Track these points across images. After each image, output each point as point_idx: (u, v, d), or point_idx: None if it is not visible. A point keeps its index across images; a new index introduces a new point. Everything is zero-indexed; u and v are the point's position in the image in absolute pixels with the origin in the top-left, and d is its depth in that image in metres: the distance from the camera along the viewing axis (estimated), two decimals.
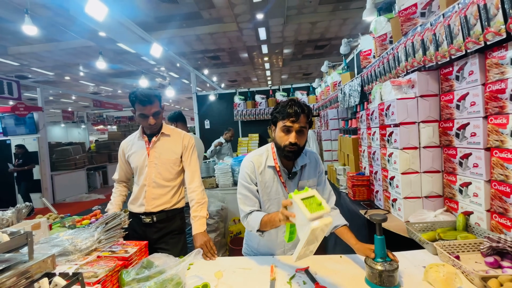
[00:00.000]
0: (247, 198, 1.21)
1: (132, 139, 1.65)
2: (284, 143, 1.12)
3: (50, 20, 6.11)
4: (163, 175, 1.56)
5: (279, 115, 1.13)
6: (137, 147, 1.60)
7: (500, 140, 1.12)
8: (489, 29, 1.02)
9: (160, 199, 1.55)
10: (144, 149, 1.57)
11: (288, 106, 1.11)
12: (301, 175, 1.24)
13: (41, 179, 6.71)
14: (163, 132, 1.60)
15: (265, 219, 1.09)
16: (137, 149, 1.59)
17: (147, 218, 1.54)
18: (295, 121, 1.10)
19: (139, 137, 1.61)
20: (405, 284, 0.95)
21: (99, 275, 0.89)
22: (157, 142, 1.58)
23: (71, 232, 1.15)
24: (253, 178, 1.22)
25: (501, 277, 0.84)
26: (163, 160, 1.56)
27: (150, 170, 1.54)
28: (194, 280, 1.05)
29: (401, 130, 1.54)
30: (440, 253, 1.08)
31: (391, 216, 1.69)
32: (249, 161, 1.23)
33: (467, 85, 1.27)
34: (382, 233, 0.98)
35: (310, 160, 1.27)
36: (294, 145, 1.11)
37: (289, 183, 1.23)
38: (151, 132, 1.59)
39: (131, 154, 1.61)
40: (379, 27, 2.04)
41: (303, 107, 1.13)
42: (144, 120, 1.50)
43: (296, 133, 1.11)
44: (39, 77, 10.92)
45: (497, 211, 1.15)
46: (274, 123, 1.18)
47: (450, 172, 1.43)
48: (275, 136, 1.18)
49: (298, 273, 1.07)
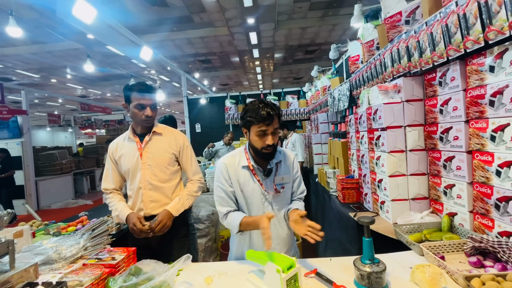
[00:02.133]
0: (223, 199, 1.23)
1: (121, 141, 1.55)
2: (261, 145, 1.15)
3: (36, 21, 5.97)
4: (159, 176, 1.49)
5: (252, 119, 1.13)
6: (128, 148, 1.51)
7: (480, 143, 1.16)
8: (469, 37, 1.07)
9: (158, 202, 1.50)
10: (136, 150, 1.49)
11: (260, 109, 1.11)
12: (277, 172, 1.26)
13: (25, 185, 6.48)
14: (154, 131, 1.52)
15: (248, 221, 1.13)
16: (128, 151, 1.50)
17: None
18: (270, 124, 1.12)
19: (129, 138, 1.52)
20: (392, 285, 0.97)
21: (84, 283, 0.87)
22: (150, 142, 1.50)
23: (55, 239, 1.12)
24: (227, 179, 1.23)
25: (483, 276, 0.87)
26: (157, 161, 1.50)
27: (144, 172, 1.47)
28: (183, 286, 1.04)
29: (388, 134, 1.58)
30: (426, 254, 1.11)
31: (380, 218, 1.72)
32: (222, 163, 1.25)
33: (450, 91, 1.32)
34: (370, 235, 1.00)
35: (284, 157, 1.29)
36: (271, 147, 1.14)
37: (266, 181, 1.24)
38: (142, 130, 1.51)
39: (121, 156, 1.51)
40: (366, 33, 2.10)
41: (274, 109, 1.15)
42: (141, 112, 1.43)
43: (272, 135, 1.14)
44: (24, 80, 10.60)
45: (479, 212, 1.19)
46: (247, 127, 1.19)
47: (435, 174, 1.48)
48: (250, 139, 1.20)
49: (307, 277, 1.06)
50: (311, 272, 1.07)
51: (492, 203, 1.12)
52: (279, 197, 1.24)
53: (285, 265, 0.93)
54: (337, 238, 2.16)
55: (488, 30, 0.98)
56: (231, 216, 1.20)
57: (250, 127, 1.17)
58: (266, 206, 1.23)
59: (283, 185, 1.25)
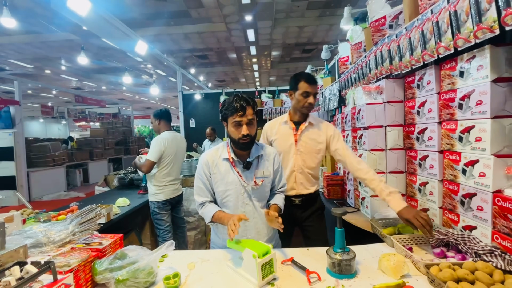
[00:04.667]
0: (201, 190, 1.33)
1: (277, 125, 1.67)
2: (238, 136, 1.22)
3: (30, 11, 5.90)
4: (307, 163, 1.61)
5: (228, 112, 1.22)
6: (283, 132, 1.64)
7: (450, 143, 1.24)
8: (441, 44, 1.14)
9: (306, 184, 1.63)
10: (292, 135, 1.62)
11: (234, 101, 1.20)
12: (257, 166, 1.33)
13: (16, 176, 6.43)
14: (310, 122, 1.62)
15: (220, 216, 1.23)
16: (283, 134, 1.63)
17: (297, 199, 1.62)
18: (243, 115, 1.20)
19: (285, 122, 1.65)
20: (361, 272, 1.04)
21: (71, 264, 0.92)
22: (304, 131, 1.61)
23: (45, 225, 1.17)
24: (207, 172, 1.31)
25: (441, 264, 0.95)
26: (308, 148, 1.61)
27: (297, 158, 1.61)
28: (166, 271, 1.09)
29: (370, 133, 1.65)
30: (396, 245, 1.19)
31: (360, 213, 1.80)
32: (204, 157, 1.34)
33: (426, 93, 1.40)
34: (342, 226, 1.07)
35: (265, 152, 1.36)
36: (246, 137, 1.21)
37: (246, 173, 1.30)
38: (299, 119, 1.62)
39: (276, 139, 1.64)
40: (355, 35, 2.16)
41: (248, 100, 1.22)
42: (305, 99, 1.54)
43: (247, 125, 1.21)
44: (17, 70, 10.45)
45: (447, 207, 1.28)
46: (225, 120, 1.27)
47: (412, 172, 1.56)
48: (228, 131, 1.27)
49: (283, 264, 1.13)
50: (288, 260, 1.15)
51: (458, 199, 1.20)
52: (258, 189, 1.31)
53: (261, 251, 1.00)
54: None
55: (457, 37, 1.05)
56: (206, 207, 1.31)
57: (227, 119, 1.25)
58: (245, 197, 1.30)
59: (262, 178, 1.32)
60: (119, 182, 3.32)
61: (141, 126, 17.15)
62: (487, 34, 0.93)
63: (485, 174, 1.06)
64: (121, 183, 3.31)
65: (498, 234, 1.01)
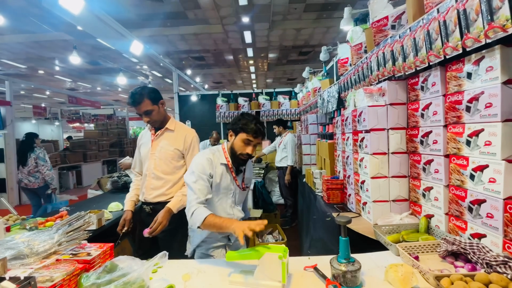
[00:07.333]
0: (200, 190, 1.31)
1: (146, 130, 1.82)
2: (241, 151, 1.33)
3: (22, 10, 5.77)
4: (161, 167, 1.67)
5: (244, 128, 1.32)
6: (146, 138, 1.77)
7: (457, 147, 1.19)
8: (448, 44, 1.10)
9: (157, 190, 1.67)
10: (150, 141, 1.72)
11: (254, 124, 1.32)
12: (244, 174, 1.50)
13: (6, 178, 6.27)
14: (167, 127, 1.72)
15: (215, 221, 1.17)
16: (146, 141, 1.76)
17: (147, 207, 1.70)
18: (256, 137, 1.33)
19: (149, 128, 1.77)
20: (367, 284, 0.98)
21: (55, 279, 0.85)
22: (161, 136, 1.71)
23: (28, 234, 1.09)
24: (211, 171, 1.35)
25: (452, 276, 0.89)
26: (162, 153, 1.68)
27: (150, 162, 1.69)
28: (159, 283, 1.03)
29: (372, 136, 1.61)
30: (402, 254, 1.13)
31: (361, 219, 1.75)
32: (207, 155, 1.38)
33: (430, 96, 1.35)
34: (346, 235, 1.01)
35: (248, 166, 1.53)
36: (247, 156, 1.33)
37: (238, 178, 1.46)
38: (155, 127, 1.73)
39: (141, 145, 1.78)
40: (355, 36, 2.12)
41: (263, 130, 1.36)
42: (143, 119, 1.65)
43: (253, 146, 1.33)
44: (9, 70, 10.25)
45: (454, 214, 1.23)
46: (236, 132, 1.36)
47: (415, 177, 1.51)
48: (234, 143, 1.36)
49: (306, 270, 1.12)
50: (311, 266, 1.12)
51: (466, 205, 1.15)
52: (242, 194, 1.50)
53: (280, 251, 0.99)
54: (321, 237, 2.18)
55: (466, 37, 1.01)
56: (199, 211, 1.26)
57: (238, 133, 1.34)
58: (233, 200, 1.44)
59: (248, 185, 1.54)
60: (112, 185, 3.22)
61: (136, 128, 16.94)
62: (499, 33, 0.88)
63: (496, 180, 1.01)
64: (114, 186, 3.21)
65: (510, 243, 0.97)
